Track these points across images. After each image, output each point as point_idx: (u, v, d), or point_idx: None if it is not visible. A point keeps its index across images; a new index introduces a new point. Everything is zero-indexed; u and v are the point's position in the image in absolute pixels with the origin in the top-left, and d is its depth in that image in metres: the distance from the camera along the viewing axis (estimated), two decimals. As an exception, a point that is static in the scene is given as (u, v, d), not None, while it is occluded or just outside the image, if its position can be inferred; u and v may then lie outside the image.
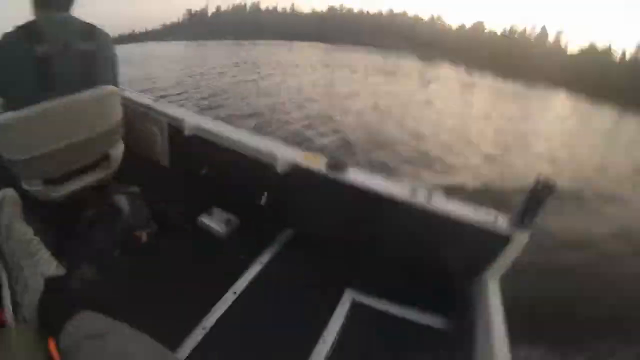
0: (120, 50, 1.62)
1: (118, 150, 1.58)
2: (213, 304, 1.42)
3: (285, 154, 1.70)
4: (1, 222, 1.15)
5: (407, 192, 1.47)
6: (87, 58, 1.41)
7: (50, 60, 1.33)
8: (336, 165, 1.61)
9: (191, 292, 1.46)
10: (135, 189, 1.84)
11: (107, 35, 1.53)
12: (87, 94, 1.33)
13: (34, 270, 1.01)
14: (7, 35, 1.33)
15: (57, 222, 1.58)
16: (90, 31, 1.45)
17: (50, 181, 1.44)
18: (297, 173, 1.67)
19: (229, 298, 1.46)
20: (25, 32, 1.34)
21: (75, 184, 1.51)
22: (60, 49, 1.34)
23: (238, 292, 1.49)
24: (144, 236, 1.73)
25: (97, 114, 1.39)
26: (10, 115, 1.23)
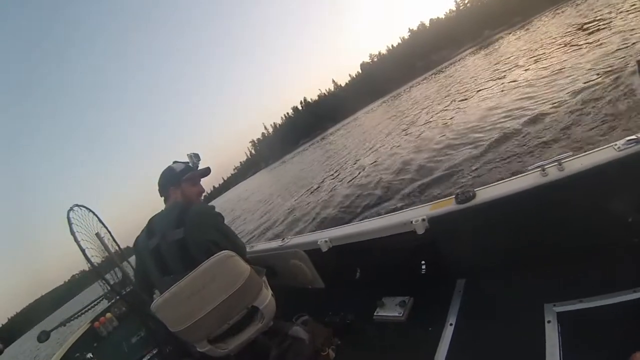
0: (219, 203, 1.83)
1: (265, 301, 1.68)
2: None
3: (416, 215, 1.73)
4: None
5: (539, 175, 1.41)
6: (179, 244, 1.57)
7: (158, 251, 1.61)
8: (465, 195, 1.59)
9: None
10: (305, 317, 2.00)
11: (200, 214, 1.67)
12: (202, 267, 1.49)
13: None
14: (139, 235, 1.71)
15: None
16: (180, 218, 1.62)
17: (214, 340, 1.62)
18: (437, 224, 1.67)
19: None
20: (146, 228, 1.71)
21: (239, 339, 1.64)
22: (161, 240, 1.62)
23: None
24: (331, 353, 1.82)
25: (222, 277, 1.53)
26: (158, 300, 1.48)
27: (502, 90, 11.16)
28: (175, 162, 1.87)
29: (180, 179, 1.80)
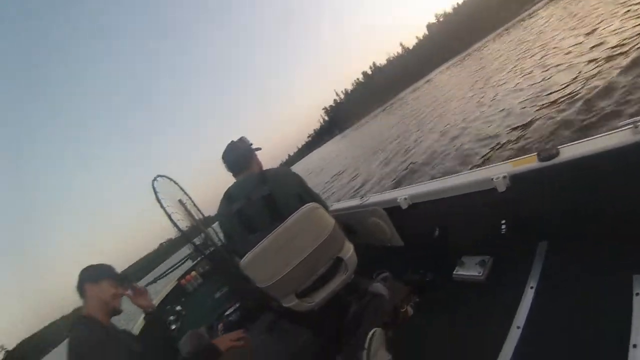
0: (298, 170, 1.89)
1: (348, 252, 1.74)
2: (500, 345, 1.33)
3: (497, 172, 1.63)
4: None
5: (630, 132, 1.22)
6: (265, 200, 1.65)
7: (243, 212, 1.68)
8: (548, 153, 1.45)
9: (474, 341, 1.45)
10: (385, 274, 2.01)
11: (281, 174, 1.79)
12: (291, 220, 1.54)
13: None
14: (219, 206, 1.78)
15: (323, 328, 1.85)
16: (263, 179, 1.73)
17: (301, 294, 1.68)
18: (519, 182, 1.57)
19: (514, 334, 1.35)
20: (224, 198, 1.78)
21: (325, 291, 1.70)
22: (246, 201, 1.68)
23: (521, 326, 1.36)
24: (409, 310, 1.83)
25: (309, 229, 1.58)
26: (248, 256, 1.53)
27: (587, 43, 9.83)
28: (232, 141, 1.96)
29: (254, 152, 1.92)
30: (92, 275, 1.56)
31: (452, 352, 1.47)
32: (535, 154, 1.53)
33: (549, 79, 8.60)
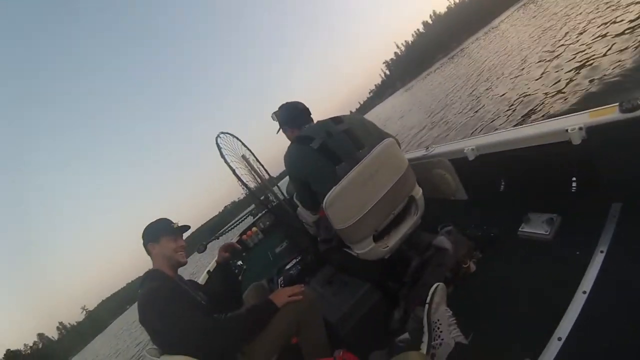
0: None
1: (419, 192, 1.80)
2: (563, 309, 1.27)
3: (573, 123, 1.51)
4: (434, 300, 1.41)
5: None
6: (347, 132, 1.73)
7: (324, 145, 1.70)
8: (632, 104, 1.31)
9: (537, 302, 1.40)
10: (449, 227, 1.97)
11: (352, 115, 1.89)
12: (375, 151, 1.60)
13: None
14: (290, 152, 1.81)
15: (384, 281, 1.85)
16: (337, 120, 1.81)
17: (377, 237, 1.71)
18: (596, 135, 1.44)
19: (579, 299, 1.27)
20: (298, 141, 1.79)
21: (399, 232, 1.74)
22: (326, 136, 1.72)
23: (587, 291, 1.28)
24: (472, 266, 1.79)
25: (389, 163, 1.64)
26: (333, 192, 1.54)
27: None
28: (286, 102, 2.09)
29: None
30: (152, 235, 1.65)
31: (513, 313, 1.43)
32: (616, 104, 1.39)
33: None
